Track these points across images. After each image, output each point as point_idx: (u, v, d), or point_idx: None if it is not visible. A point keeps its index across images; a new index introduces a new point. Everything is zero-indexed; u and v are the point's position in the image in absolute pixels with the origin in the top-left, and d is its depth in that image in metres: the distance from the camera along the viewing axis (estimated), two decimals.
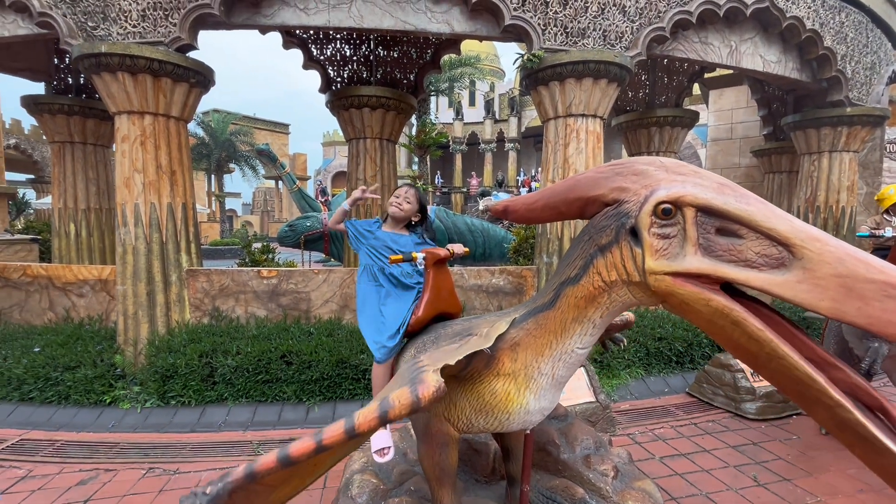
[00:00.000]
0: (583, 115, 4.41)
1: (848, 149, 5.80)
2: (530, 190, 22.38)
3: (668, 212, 1.08)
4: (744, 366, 3.77)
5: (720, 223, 1.04)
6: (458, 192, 26.52)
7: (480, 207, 18.35)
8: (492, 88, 28.79)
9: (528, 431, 1.75)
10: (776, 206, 1.02)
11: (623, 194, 1.18)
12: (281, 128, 36.62)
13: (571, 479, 2.10)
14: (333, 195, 18.63)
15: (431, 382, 1.20)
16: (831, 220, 5.92)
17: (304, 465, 1.33)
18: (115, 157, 4.11)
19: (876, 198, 4.13)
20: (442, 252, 1.95)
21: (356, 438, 1.15)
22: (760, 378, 3.34)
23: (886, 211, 3.95)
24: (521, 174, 25.80)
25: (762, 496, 2.64)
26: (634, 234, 1.15)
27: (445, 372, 1.41)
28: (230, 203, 33.21)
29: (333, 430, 1.14)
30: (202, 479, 2.86)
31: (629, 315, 2.10)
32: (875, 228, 3.74)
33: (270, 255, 5.84)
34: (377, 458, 2.00)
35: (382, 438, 2.01)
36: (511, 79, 28.43)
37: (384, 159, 6.18)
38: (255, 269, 4.49)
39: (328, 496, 2.62)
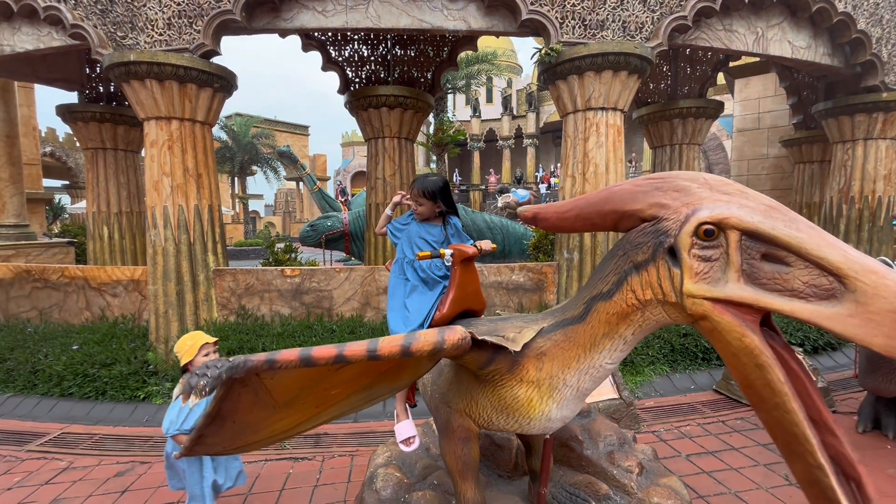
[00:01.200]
0: (602, 109, 4.35)
1: (884, 136, 5.55)
2: (549, 186, 22.16)
3: (711, 233, 1.03)
4: None
5: (766, 249, 0.98)
6: (476, 189, 26.48)
7: (499, 204, 18.25)
8: (509, 84, 28.59)
9: (548, 436, 1.75)
10: (828, 233, 0.97)
11: (662, 211, 1.12)
12: (301, 130, 37.20)
13: (595, 475, 2.08)
14: (353, 195, 18.84)
15: (458, 330, 1.26)
16: (867, 210, 5.67)
17: (315, 391, 1.38)
18: (145, 162, 4.26)
19: None
20: (470, 250, 1.91)
21: (376, 360, 1.20)
22: None
23: None
24: (540, 170, 25.59)
25: (794, 495, 2.56)
26: (673, 253, 1.10)
27: (467, 359, 1.42)
28: (253, 204, 33.95)
29: (356, 347, 1.19)
30: None
31: None
32: None
33: (293, 255, 5.95)
34: (403, 448, 2.03)
35: (407, 429, 2.04)
36: (528, 74, 28.19)
37: (403, 158, 6.22)
38: (279, 268, 4.59)
39: (353, 490, 2.66)
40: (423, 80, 6.53)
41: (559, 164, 5.31)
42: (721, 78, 9.68)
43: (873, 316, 0.85)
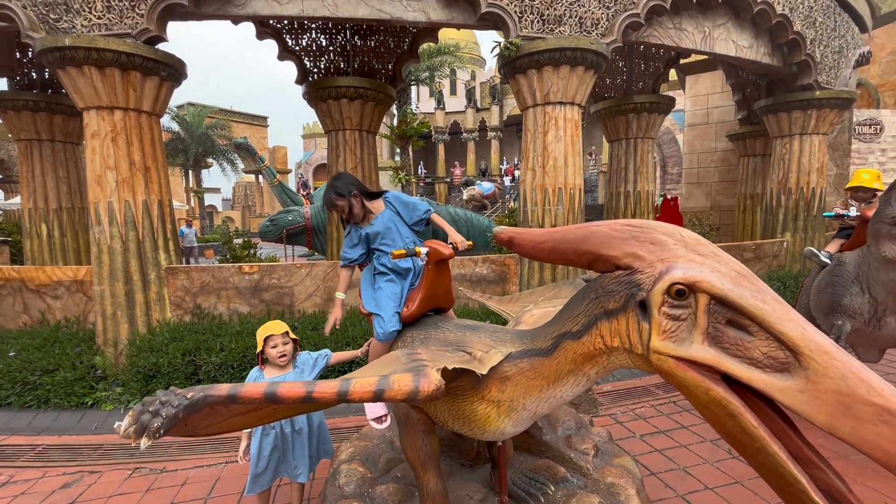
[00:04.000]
0: (561, 103, 4.44)
1: (818, 131, 5.97)
2: (513, 178, 22.45)
3: (682, 294, 1.05)
4: None
5: (732, 315, 1.02)
6: (441, 182, 26.49)
7: (464, 197, 18.35)
8: (473, 77, 28.66)
9: (500, 443, 1.79)
10: (791, 307, 1.01)
11: (637, 262, 1.14)
12: (259, 121, 35.87)
13: (554, 459, 2.16)
14: (315, 188, 18.40)
15: (434, 379, 1.22)
16: (802, 201, 6.10)
17: (278, 408, 1.35)
18: (86, 155, 4.00)
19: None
20: (446, 251, 1.90)
21: (344, 402, 1.18)
22: None
23: (849, 191, 4.04)
24: (504, 162, 25.87)
25: (736, 468, 2.76)
26: (643, 307, 1.12)
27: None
28: (209, 199, 32.53)
29: (326, 388, 1.16)
30: (190, 476, 2.86)
31: None
32: (845, 208, 3.85)
33: (252, 251, 5.77)
34: (375, 426, 2.04)
35: (378, 407, 2.04)
36: (492, 67, 28.33)
37: (364, 151, 6.13)
38: (237, 265, 4.44)
39: (316, 487, 2.64)
40: (384, 71, 6.44)
41: (521, 158, 5.41)
42: (673, 74, 10.09)
43: (819, 395, 0.90)
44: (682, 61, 8.18)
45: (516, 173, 23.05)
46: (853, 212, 3.44)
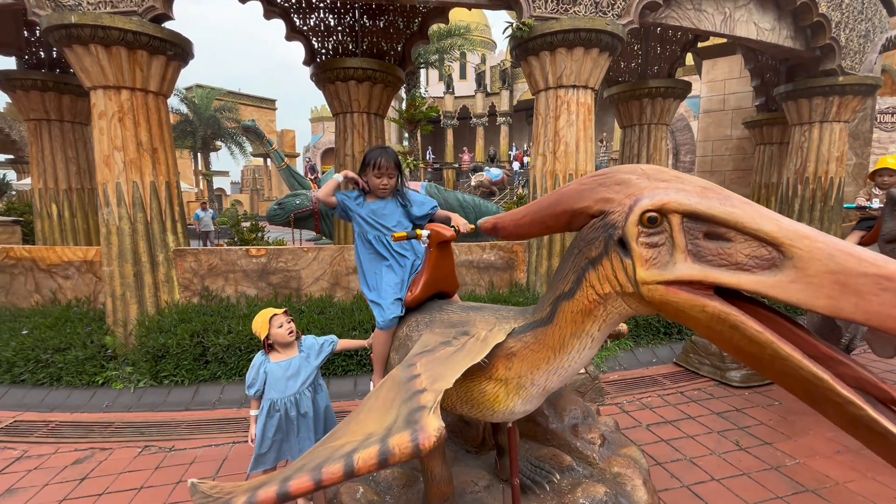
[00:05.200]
0: (574, 87, 4.33)
1: (839, 119, 5.78)
2: (522, 164, 22.23)
3: (654, 220, 1.07)
4: None
5: (707, 227, 1.02)
6: (449, 167, 26.30)
7: (472, 183, 18.22)
8: (483, 60, 28.18)
9: (511, 424, 1.78)
10: (762, 206, 1.00)
11: (608, 205, 1.17)
12: (267, 103, 35.72)
13: (560, 448, 2.15)
14: (323, 172, 18.35)
15: (432, 431, 1.12)
16: (819, 191, 5.95)
17: None
18: (94, 135, 3.99)
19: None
20: (448, 233, 1.88)
21: (351, 476, 1.15)
22: None
23: (874, 175, 3.89)
24: (513, 148, 25.59)
25: (744, 460, 2.73)
26: (623, 244, 1.13)
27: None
28: (218, 182, 32.64)
29: (333, 471, 1.13)
30: (198, 455, 2.90)
31: (622, 327, 2.05)
32: (867, 200, 3.73)
33: (259, 234, 5.78)
34: None
35: None
36: (502, 50, 27.82)
37: (372, 134, 6.06)
38: (244, 248, 4.44)
39: None
40: (392, 52, 6.32)
41: (532, 143, 5.31)
42: (689, 59, 9.81)
43: (812, 279, 0.87)
44: (699, 45, 7.93)
45: (525, 159, 22.80)
46: (876, 203, 3.34)
